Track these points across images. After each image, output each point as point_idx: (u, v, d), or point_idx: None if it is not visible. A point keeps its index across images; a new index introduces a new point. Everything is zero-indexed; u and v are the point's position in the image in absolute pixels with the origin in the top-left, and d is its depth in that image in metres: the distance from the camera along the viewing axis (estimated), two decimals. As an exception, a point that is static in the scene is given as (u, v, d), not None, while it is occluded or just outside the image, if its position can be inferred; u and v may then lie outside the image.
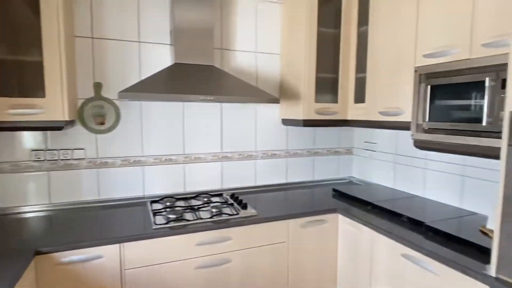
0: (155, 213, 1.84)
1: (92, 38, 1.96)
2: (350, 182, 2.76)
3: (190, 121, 2.25)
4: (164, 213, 1.83)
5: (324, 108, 2.26)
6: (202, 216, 1.81)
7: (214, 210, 1.89)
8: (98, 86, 2.00)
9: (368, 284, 1.82)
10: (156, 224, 1.68)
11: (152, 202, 2.07)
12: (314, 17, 2.15)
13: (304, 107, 2.20)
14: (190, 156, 2.27)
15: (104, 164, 2.06)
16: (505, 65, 1.33)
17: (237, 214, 1.86)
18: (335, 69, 2.29)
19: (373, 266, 1.78)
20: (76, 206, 2.00)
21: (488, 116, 1.40)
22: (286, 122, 2.48)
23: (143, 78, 2.06)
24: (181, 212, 1.84)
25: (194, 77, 1.91)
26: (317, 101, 2.24)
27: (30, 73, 1.63)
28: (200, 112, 2.27)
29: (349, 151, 2.83)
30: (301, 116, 2.22)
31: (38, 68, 1.59)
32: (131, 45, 2.05)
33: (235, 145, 2.41)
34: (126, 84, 2.02)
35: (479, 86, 1.44)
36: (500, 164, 1.16)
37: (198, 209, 1.94)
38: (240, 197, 2.17)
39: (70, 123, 1.81)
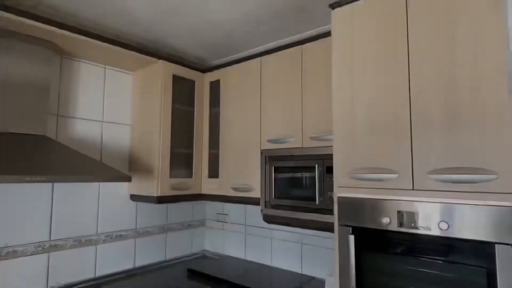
0: None
1: None
2: (204, 257, 2.69)
3: (1, 203, 1.73)
4: None
5: (180, 184, 2.20)
6: None
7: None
8: None
9: None
10: None
11: None
12: (169, 93, 2.18)
13: (159, 183, 2.08)
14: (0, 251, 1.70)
15: None
16: (328, 155, 1.68)
17: (71, 325, 1.46)
18: (189, 144, 2.33)
19: None
20: None
21: (319, 195, 1.69)
22: (136, 198, 2.26)
23: None
24: None
25: (19, 151, 1.52)
26: (172, 176, 2.17)
27: None
28: (18, 193, 1.79)
29: (201, 223, 2.80)
30: (155, 193, 2.08)
31: None
32: None
33: (69, 229, 1.98)
34: None
35: (311, 170, 1.74)
36: (333, 241, 1.37)
37: (9, 329, 1.41)
38: (74, 298, 1.74)
39: None
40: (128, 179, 1.80)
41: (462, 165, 1.10)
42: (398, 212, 1.21)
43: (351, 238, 1.29)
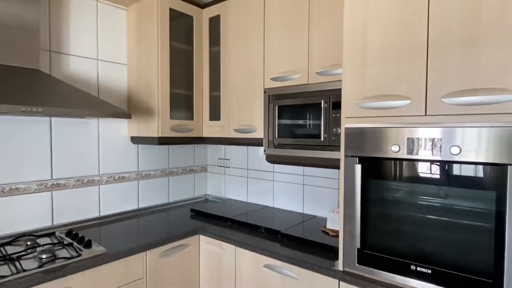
0: None
1: None
2: (206, 200, 2.73)
3: (1, 140, 1.69)
4: (-43, 273, 1.27)
5: (180, 125, 2.16)
6: (26, 267, 1.35)
7: (44, 256, 1.45)
8: None
9: (234, 302, 1.80)
10: None
11: None
12: (166, 29, 2.05)
13: (159, 123, 2.03)
14: (2, 187, 1.70)
15: None
16: (334, 90, 1.62)
17: (79, 255, 1.49)
18: (189, 85, 2.24)
19: (238, 282, 1.77)
20: None
21: (324, 132, 1.66)
22: (136, 140, 2.22)
23: None
24: (-11, 267, 1.32)
25: (12, 82, 1.45)
26: (172, 117, 2.12)
27: None
28: (17, 129, 1.74)
29: (203, 169, 2.81)
30: (155, 134, 2.04)
31: None
32: None
33: (71, 169, 1.97)
34: None
35: (316, 107, 1.69)
36: (339, 172, 1.36)
37: (19, 258, 1.44)
38: (80, 234, 1.77)
39: None
40: (127, 116, 1.75)
41: (479, 86, 1.05)
42: (408, 139, 1.17)
43: (358, 167, 1.27)
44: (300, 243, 1.70)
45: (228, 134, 2.16)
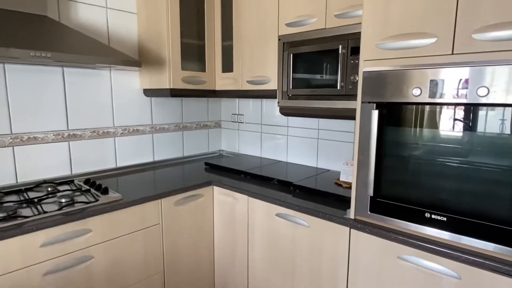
0: (-31, 215, 1.32)
1: None
2: (220, 156, 2.74)
3: (16, 90, 1.70)
4: (-16, 213, 1.33)
5: (192, 77, 2.11)
6: (46, 210, 1.41)
7: (63, 200, 1.51)
8: None
9: (245, 249, 1.85)
10: (-28, 229, 1.20)
11: (-37, 201, 1.49)
12: (175, -26, 1.94)
13: (170, 75, 1.99)
14: (21, 136, 1.74)
15: None
16: (353, 34, 1.51)
17: (96, 200, 1.54)
18: (200, 35, 2.16)
19: (250, 230, 1.82)
20: None
21: (341, 80, 1.58)
22: (149, 92, 2.20)
23: None
24: (13, 208, 1.38)
25: (21, 28, 1.42)
26: (184, 68, 2.07)
27: None
28: (30, 79, 1.74)
29: (217, 125, 2.79)
30: (167, 85, 2.01)
31: None
32: None
33: (86, 120, 1.99)
34: None
35: (333, 54, 1.59)
36: (356, 119, 1.30)
37: (40, 201, 1.51)
38: (98, 182, 1.82)
39: None
40: (138, 63, 1.71)
41: (518, 18, 0.94)
42: (431, 81, 1.09)
43: (375, 113, 1.21)
44: (312, 193, 1.70)
45: (241, 86, 2.11)
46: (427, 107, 1.12)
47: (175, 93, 2.04)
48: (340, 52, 1.56)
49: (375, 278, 1.31)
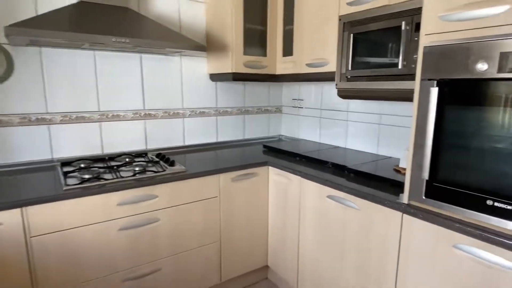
0: (66, 174, 1.61)
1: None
2: (280, 140, 2.80)
3: (104, 73, 1.99)
4: (77, 174, 1.62)
5: (254, 61, 2.19)
6: (123, 175, 1.65)
7: (137, 168, 1.73)
8: (-22, 25, 1.61)
9: (297, 226, 1.89)
10: (67, 185, 1.47)
11: (63, 164, 1.81)
12: (240, -39, 2.02)
13: (233, 59, 2.10)
14: (107, 113, 2.03)
15: (-4, 123, 1.72)
16: (418, 10, 1.41)
17: (164, 171, 1.74)
18: (263, 20, 2.22)
19: (301, 210, 1.85)
20: (-40, 173, 1.65)
21: (403, 59, 1.49)
22: (214, 77, 2.36)
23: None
24: (98, 172, 1.64)
25: (105, 18, 1.65)
26: (246, 53, 2.16)
27: None
28: (115, 64, 2.02)
29: (278, 110, 2.85)
30: (230, 69, 2.12)
31: None
32: (21, -24, 1.69)
33: (159, 101, 2.22)
34: (18, 25, 1.67)
35: (395, 31, 1.51)
36: (414, 97, 1.23)
37: (119, 168, 1.76)
38: (167, 156, 2.04)
39: None
40: (202, 48, 1.85)
41: None
42: (502, 54, 0.98)
43: (434, 90, 1.13)
44: (366, 178, 1.65)
45: (300, 69, 2.12)
46: (494, 83, 1.01)
47: (237, 77, 2.15)
48: (403, 29, 1.47)
49: (427, 265, 1.24)
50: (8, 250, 1.33)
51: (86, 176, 1.56)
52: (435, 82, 1.15)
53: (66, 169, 1.74)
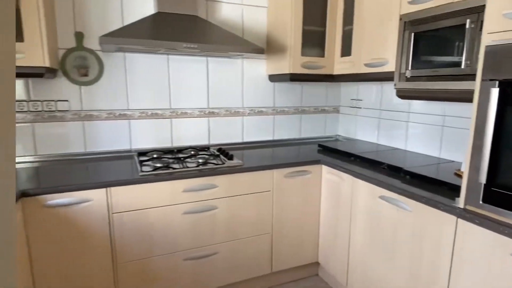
0: (142, 163, 1.87)
1: (71, -16, 1.90)
2: (336, 140, 2.81)
3: (175, 75, 2.23)
4: (150, 163, 1.86)
5: (311, 62, 2.25)
6: (188, 166, 1.85)
7: (200, 160, 1.92)
8: (79, 36, 1.95)
9: (348, 225, 1.91)
10: (143, 171, 1.71)
11: (139, 154, 2.09)
12: (301, -34, 2.10)
13: (291, 60, 2.19)
14: (176, 111, 2.28)
15: (89, 117, 2.05)
16: (484, 7, 1.34)
17: (223, 164, 1.90)
18: (322, 21, 2.27)
19: (353, 209, 1.86)
20: (62, 158, 2.01)
21: (467, 59, 1.43)
22: (273, 78, 2.47)
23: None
24: (168, 162, 1.87)
25: (178, 26, 1.87)
26: (303, 54, 2.23)
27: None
28: (185, 66, 2.25)
29: (335, 110, 2.86)
30: (287, 70, 2.22)
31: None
32: (112, -7, 1.99)
33: (221, 101, 2.41)
34: (109, 34, 1.98)
35: (459, 30, 1.45)
36: (473, 98, 1.19)
37: (185, 160, 1.97)
38: (226, 151, 2.21)
39: (52, 72, 1.79)
40: (261, 50, 1.97)
41: None
42: None
43: (494, 91, 1.09)
44: (423, 180, 1.61)
45: (358, 69, 2.12)
46: None
47: (294, 77, 2.23)
48: (467, 27, 1.41)
49: (481, 273, 1.19)
50: (96, 222, 1.60)
51: (158, 165, 1.79)
52: (497, 82, 1.10)
53: (141, 158, 2.00)
